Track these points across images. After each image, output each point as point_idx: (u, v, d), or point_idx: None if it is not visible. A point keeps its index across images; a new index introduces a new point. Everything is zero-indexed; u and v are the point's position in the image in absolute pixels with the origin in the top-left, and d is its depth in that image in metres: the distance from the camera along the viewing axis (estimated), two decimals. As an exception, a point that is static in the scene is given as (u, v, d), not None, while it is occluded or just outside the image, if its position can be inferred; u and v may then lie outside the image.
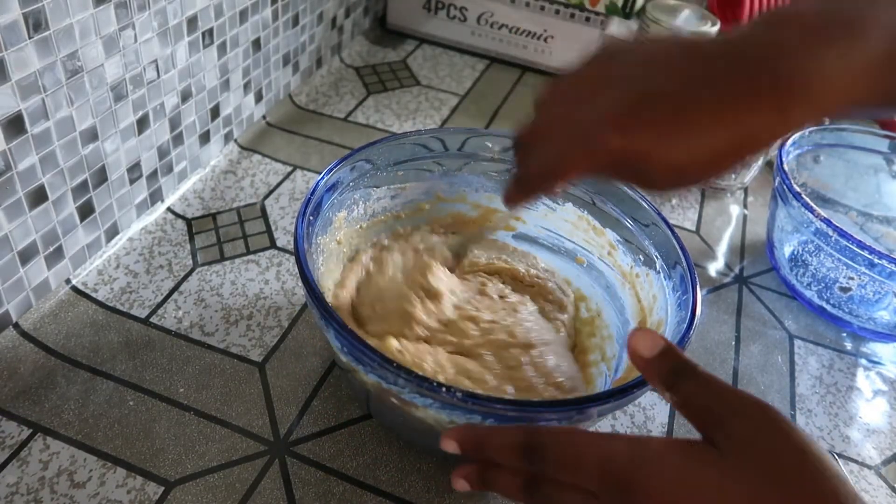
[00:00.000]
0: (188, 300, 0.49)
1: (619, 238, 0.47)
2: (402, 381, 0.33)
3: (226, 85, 0.60)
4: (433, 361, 0.40)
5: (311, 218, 0.40)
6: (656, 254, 0.43)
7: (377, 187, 0.47)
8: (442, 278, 0.44)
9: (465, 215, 0.51)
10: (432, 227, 0.50)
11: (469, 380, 0.39)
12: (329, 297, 0.43)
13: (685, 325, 0.37)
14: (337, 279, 0.45)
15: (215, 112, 0.60)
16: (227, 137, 0.63)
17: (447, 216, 0.50)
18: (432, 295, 0.43)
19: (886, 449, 0.47)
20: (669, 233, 0.43)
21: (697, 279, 0.40)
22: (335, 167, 0.43)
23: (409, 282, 0.43)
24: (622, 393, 0.33)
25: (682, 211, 0.65)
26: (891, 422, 0.49)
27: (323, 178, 0.42)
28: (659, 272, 0.43)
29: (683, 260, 0.41)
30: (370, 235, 0.48)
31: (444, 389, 0.32)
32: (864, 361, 0.53)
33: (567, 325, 0.47)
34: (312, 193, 0.41)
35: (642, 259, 0.45)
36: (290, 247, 0.54)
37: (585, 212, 0.48)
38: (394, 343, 0.40)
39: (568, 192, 0.48)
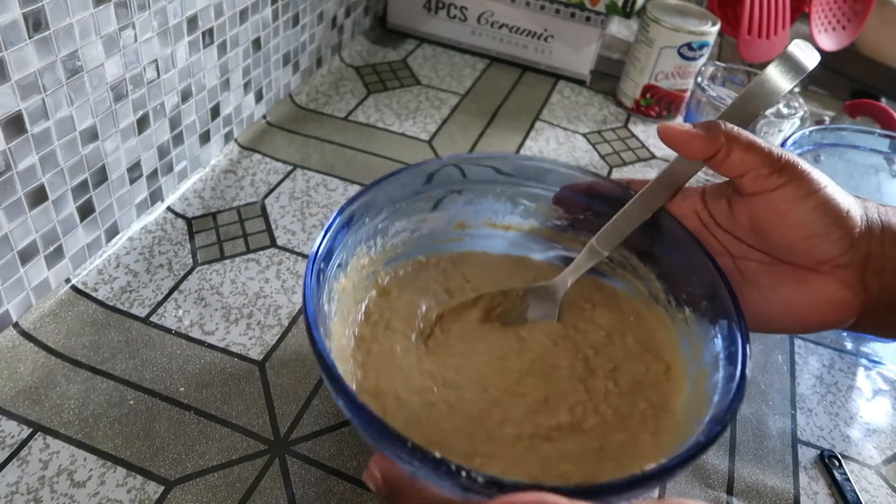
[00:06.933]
0: (188, 299, 0.49)
1: None
2: (417, 463, 0.28)
3: (226, 84, 0.60)
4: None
5: (322, 264, 0.36)
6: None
7: (397, 220, 0.43)
8: None
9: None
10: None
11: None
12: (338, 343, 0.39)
13: None
14: (354, 319, 0.42)
15: (215, 112, 0.60)
16: (228, 137, 0.63)
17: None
18: None
19: (887, 448, 0.47)
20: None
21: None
22: (346, 207, 0.39)
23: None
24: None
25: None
26: (891, 421, 0.49)
27: (334, 221, 0.38)
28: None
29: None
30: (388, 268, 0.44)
31: (464, 473, 0.27)
32: (864, 361, 0.53)
33: None
34: (324, 238, 0.37)
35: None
36: (291, 245, 0.54)
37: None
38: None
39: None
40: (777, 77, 0.37)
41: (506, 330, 0.43)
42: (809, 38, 0.89)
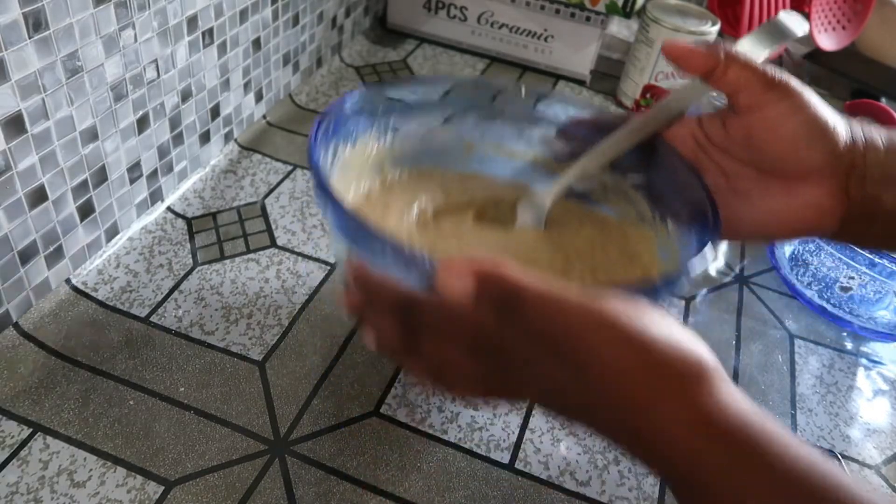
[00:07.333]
0: (188, 299, 0.49)
1: None
2: (389, 251, 0.30)
3: (226, 84, 0.60)
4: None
5: (332, 124, 0.39)
6: None
7: (410, 122, 0.45)
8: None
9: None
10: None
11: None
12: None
13: None
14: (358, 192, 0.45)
15: (215, 112, 0.60)
16: (228, 137, 0.63)
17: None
18: None
19: (887, 448, 0.47)
20: None
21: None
22: (364, 89, 0.42)
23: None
24: None
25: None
26: (891, 421, 0.49)
27: (351, 95, 0.41)
28: None
29: None
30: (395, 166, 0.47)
31: (426, 258, 0.29)
32: (864, 361, 0.53)
33: None
34: (340, 103, 0.40)
35: None
36: (291, 245, 0.54)
37: None
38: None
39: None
40: (758, 40, 0.39)
41: (495, 227, 0.46)
42: (809, 39, 0.89)
